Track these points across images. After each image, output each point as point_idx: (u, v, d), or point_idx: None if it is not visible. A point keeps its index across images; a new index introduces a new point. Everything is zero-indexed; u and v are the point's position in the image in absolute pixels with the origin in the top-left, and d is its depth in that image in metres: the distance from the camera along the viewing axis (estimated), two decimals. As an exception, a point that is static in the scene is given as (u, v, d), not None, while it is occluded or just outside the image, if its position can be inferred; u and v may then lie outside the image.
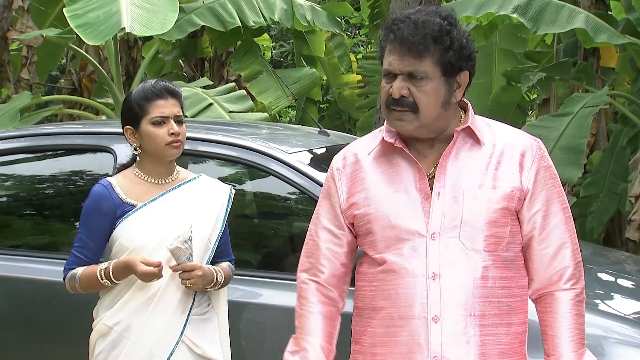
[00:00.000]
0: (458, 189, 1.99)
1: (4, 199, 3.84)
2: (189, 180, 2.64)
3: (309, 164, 3.19)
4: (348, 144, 3.88)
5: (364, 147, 2.13)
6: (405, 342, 1.98)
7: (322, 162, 3.42)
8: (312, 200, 3.11)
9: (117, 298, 2.53)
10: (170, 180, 2.61)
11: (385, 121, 2.07)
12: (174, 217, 2.54)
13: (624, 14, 7.45)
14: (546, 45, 8.95)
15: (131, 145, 2.61)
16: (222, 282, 2.57)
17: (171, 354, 2.48)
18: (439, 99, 1.97)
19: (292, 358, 2.08)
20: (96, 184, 2.60)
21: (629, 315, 2.94)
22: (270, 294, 2.99)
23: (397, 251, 1.99)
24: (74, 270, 2.56)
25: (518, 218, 2.04)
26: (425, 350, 1.96)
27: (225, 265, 2.66)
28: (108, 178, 2.61)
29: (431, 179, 2.02)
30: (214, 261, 2.63)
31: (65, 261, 3.28)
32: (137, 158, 2.62)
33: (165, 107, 2.53)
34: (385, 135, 2.05)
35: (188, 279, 2.44)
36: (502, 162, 2.02)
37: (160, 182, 2.59)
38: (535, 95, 10.79)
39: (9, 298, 3.38)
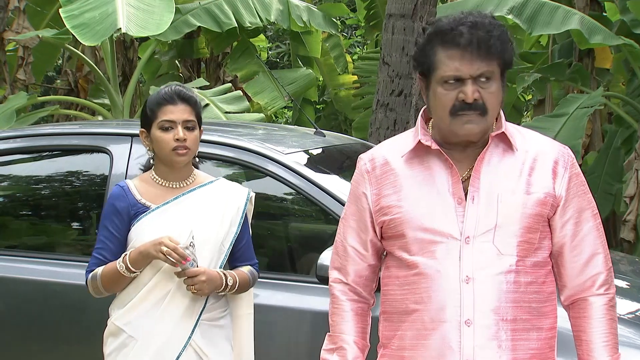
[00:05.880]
0: (492, 193, 1.99)
1: (0, 199, 3.84)
2: (204, 184, 2.64)
3: (305, 165, 3.20)
4: (344, 144, 3.92)
5: (394, 149, 2.11)
6: (436, 345, 1.97)
7: (318, 162, 3.43)
8: (309, 201, 3.12)
9: (129, 299, 2.54)
10: (185, 184, 2.62)
11: (419, 124, 2.06)
12: (186, 221, 2.54)
13: (618, 15, 7.48)
14: (541, 47, 8.98)
15: (145, 148, 2.64)
16: (233, 286, 2.56)
17: (177, 358, 2.48)
18: (499, 98, 1.99)
19: (331, 357, 2.10)
20: (115, 185, 2.64)
21: (623, 315, 2.95)
22: (267, 295, 3.00)
23: (430, 254, 1.99)
24: (94, 271, 2.56)
25: (550, 225, 2.04)
26: (457, 354, 1.96)
27: (245, 269, 2.65)
28: (126, 180, 2.67)
29: (464, 182, 2.02)
30: (234, 265, 2.64)
31: (61, 261, 3.32)
32: (152, 161, 2.65)
33: (173, 112, 2.55)
34: (422, 138, 2.04)
35: (192, 285, 2.46)
36: (535, 168, 2.03)
37: (174, 185, 2.61)
38: (530, 96, 10.83)
39: (4, 299, 3.38)
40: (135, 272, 2.50)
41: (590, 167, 7.06)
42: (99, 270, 2.54)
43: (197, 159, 2.71)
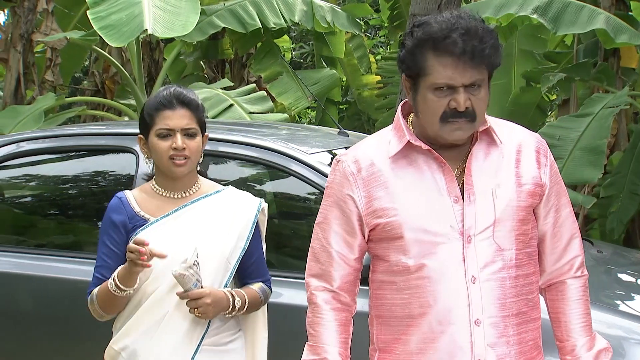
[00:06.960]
0: (486, 189, 1.99)
1: (29, 199, 3.90)
2: (209, 195, 2.42)
3: (328, 165, 3.22)
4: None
5: (377, 149, 2.05)
6: (446, 347, 1.96)
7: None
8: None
9: (125, 321, 2.37)
10: (188, 194, 2.40)
11: (402, 124, 2.03)
12: (188, 235, 2.33)
13: (645, 14, 7.41)
14: (566, 46, 8.91)
15: (144, 156, 2.44)
16: (242, 307, 2.35)
17: None
18: (487, 103, 1.97)
19: None
20: (113, 197, 2.44)
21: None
22: (291, 294, 3.02)
23: (432, 256, 1.96)
24: (92, 292, 2.37)
25: (534, 213, 2.06)
26: (468, 354, 1.95)
27: (256, 287, 2.44)
28: (125, 191, 2.45)
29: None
30: (244, 282, 2.44)
31: (88, 260, 3.37)
32: (153, 170, 2.45)
33: (171, 118, 2.32)
34: (411, 138, 2.00)
35: (196, 307, 2.26)
36: (521, 160, 2.03)
37: (176, 196, 2.39)
38: (555, 96, 10.75)
39: (34, 297, 3.44)
40: (126, 290, 2.29)
41: (616, 167, 6.99)
42: (95, 290, 2.35)
43: (201, 168, 2.49)
